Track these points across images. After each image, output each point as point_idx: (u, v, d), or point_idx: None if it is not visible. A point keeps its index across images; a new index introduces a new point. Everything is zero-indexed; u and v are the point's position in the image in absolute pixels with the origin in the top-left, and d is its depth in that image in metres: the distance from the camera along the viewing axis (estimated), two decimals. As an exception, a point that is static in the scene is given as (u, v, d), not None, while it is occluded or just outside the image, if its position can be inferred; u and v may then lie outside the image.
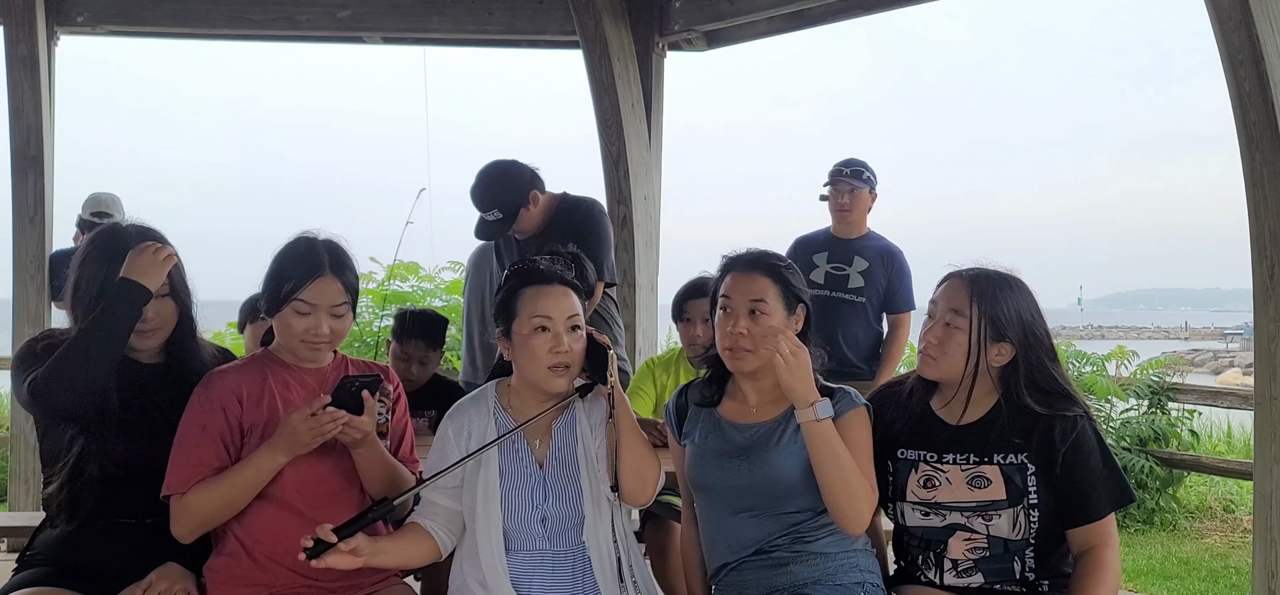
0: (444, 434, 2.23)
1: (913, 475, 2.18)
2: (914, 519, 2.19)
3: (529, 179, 3.68)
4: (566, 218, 3.69)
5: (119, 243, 2.19)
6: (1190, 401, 6.48)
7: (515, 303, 2.17)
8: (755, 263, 2.22)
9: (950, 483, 2.14)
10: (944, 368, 2.17)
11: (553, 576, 2.12)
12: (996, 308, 2.13)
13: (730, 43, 5.43)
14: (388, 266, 7.77)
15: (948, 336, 2.15)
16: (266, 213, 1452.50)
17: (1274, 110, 3.17)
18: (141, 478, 2.16)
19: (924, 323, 2.24)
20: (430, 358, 3.43)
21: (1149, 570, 5.13)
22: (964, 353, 2.14)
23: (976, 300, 2.13)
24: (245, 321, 3.77)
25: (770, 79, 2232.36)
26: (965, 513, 2.13)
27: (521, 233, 3.72)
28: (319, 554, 1.93)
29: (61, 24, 5.26)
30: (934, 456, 2.17)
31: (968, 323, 2.13)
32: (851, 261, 4.20)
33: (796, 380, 2.06)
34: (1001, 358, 2.14)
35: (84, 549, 2.20)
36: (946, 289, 2.19)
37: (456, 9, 5.24)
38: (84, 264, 2.22)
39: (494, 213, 3.66)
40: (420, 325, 3.46)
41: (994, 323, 2.13)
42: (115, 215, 4.86)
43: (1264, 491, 3.32)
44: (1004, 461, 2.12)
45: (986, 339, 2.13)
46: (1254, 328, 3.38)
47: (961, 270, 2.20)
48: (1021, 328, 2.13)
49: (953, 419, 2.19)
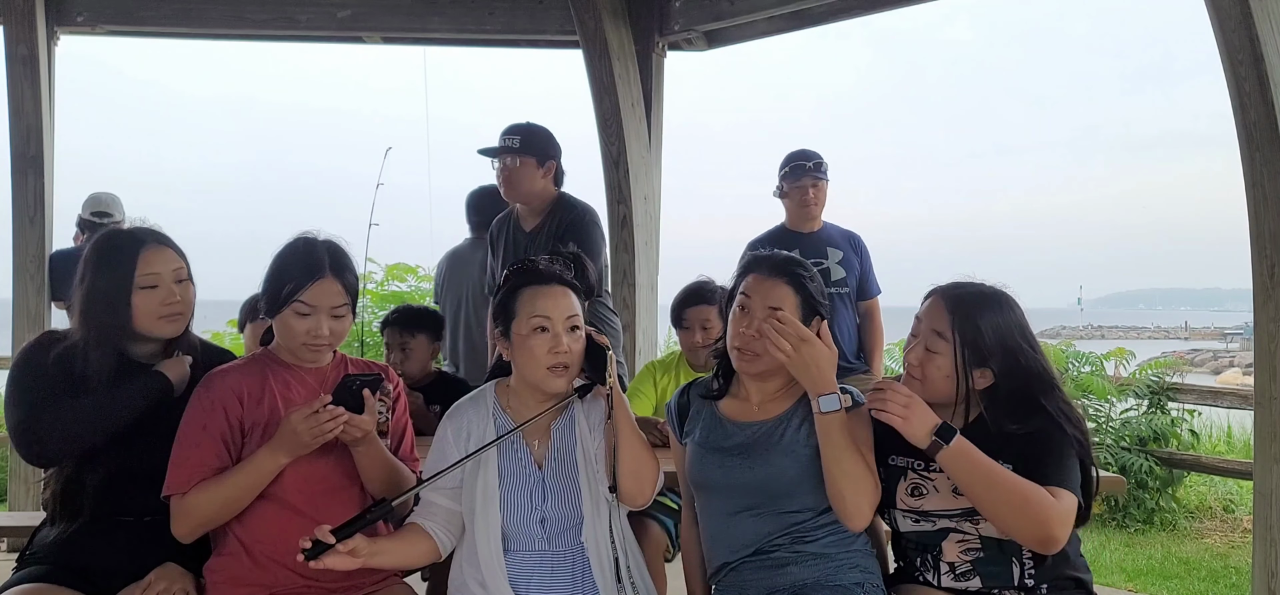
0: (443, 434, 2.22)
1: (902, 483, 2.17)
2: (906, 525, 2.19)
3: (557, 153, 3.70)
4: (563, 214, 3.68)
5: (126, 245, 2.20)
6: (1190, 401, 6.48)
7: (514, 303, 2.17)
8: (779, 268, 2.21)
9: (938, 491, 2.13)
10: (927, 390, 2.12)
11: (551, 577, 2.12)
12: (977, 332, 2.08)
13: (730, 43, 5.43)
14: (387, 267, 7.77)
15: (928, 360, 2.12)
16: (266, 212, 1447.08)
17: (1274, 110, 3.17)
18: (141, 478, 2.16)
19: (908, 340, 2.21)
20: (409, 344, 3.52)
21: (1149, 570, 5.13)
22: (943, 376, 2.11)
23: (957, 324, 2.10)
24: (245, 321, 3.78)
25: (770, 79, 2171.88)
26: (953, 517, 2.12)
27: (524, 202, 3.70)
28: (317, 555, 1.93)
29: (61, 24, 5.27)
30: (922, 464, 2.15)
31: (949, 347, 2.10)
32: (826, 253, 4.12)
33: (805, 370, 2.05)
34: (984, 381, 2.11)
35: (84, 549, 2.20)
36: (929, 308, 2.16)
37: (456, 9, 5.24)
38: (90, 269, 2.21)
39: (514, 139, 3.64)
40: (394, 314, 3.62)
41: (974, 348, 2.09)
42: (115, 215, 4.86)
43: (1264, 491, 3.33)
44: None
45: (970, 364, 2.09)
46: (1254, 328, 3.38)
47: (945, 288, 2.17)
48: (1003, 353, 2.08)
49: None
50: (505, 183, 3.69)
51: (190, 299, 2.28)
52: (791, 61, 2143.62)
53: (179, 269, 2.25)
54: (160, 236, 2.26)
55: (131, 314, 2.20)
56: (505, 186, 3.70)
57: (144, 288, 2.19)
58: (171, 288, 2.22)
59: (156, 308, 2.21)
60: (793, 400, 2.20)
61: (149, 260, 2.21)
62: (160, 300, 2.21)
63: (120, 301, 2.18)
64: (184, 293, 2.25)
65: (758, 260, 2.24)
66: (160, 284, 2.21)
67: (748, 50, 19.82)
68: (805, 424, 2.15)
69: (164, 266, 2.22)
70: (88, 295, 2.20)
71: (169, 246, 2.26)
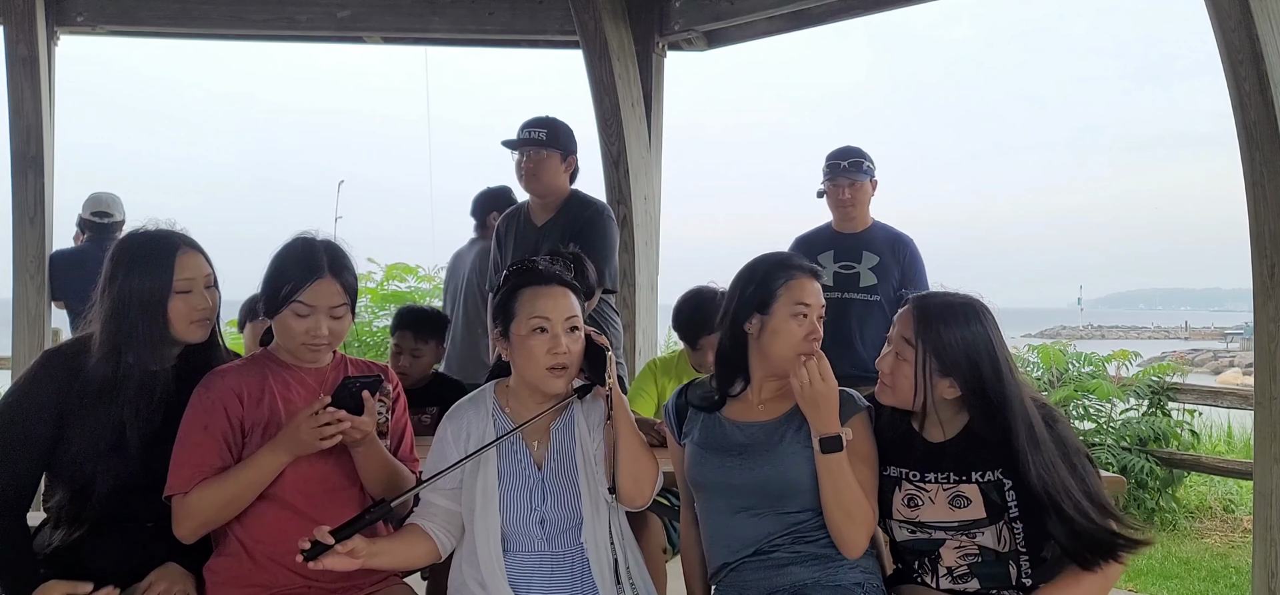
0: (443, 435, 2.22)
1: (897, 493, 2.17)
2: (902, 535, 2.19)
3: (576, 149, 3.74)
4: (576, 211, 3.68)
5: (163, 248, 2.18)
6: (1190, 401, 6.48)
7: (513, 303, 2.17)
8: (814, 273, 2.23)
9: (933, 502, 2.13)
10: (896, 396, 2.15)
11: (551, 578, 2.12)
12: (940, 344, 2.08)
13: (730, 43, 5.42)
14: (386, 266, 7.78)
15: (897, 366, 2.13)
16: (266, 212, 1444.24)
17: (1274, 110, 3.17)
18: (143, 482, 2.16)
19: (884, 347, 2.21)
20: (421, 350, 3.50)
21: (1149, 570, 5.13)
22: (910, 384, 2.11)
23: (921, 335, 2.10)
24: (245, 321, 3.78)
25: (770, 79, 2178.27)
26: (948, 530, 2.12)
27: (543, 195, 3.70)
28: (316, 556, 1.93)
29: (61, 24, 5.27)
30: (916, 475, 2.15)
31: (916, 357, 2.10)
32: (860, 257, 3.90)
33: (812, 410, 2.07)
34: (951, 392, 2.11)
35: (84, 550, 2.19)
36: (901, 316, 2.17)
37: (456, 9, 5.23)
38: (124, 270, 2.16)
39: (540, 131, 3.64)
40: (409, 318, 3.56)
41: (938, 359, 2.09)
42: (115, 215, 4.86)
43: (1264, 491, 3.32)
44: (981, 479, 2.10)
45: (933, 373, 2.09)
46: (1254, 328, 3.38)
47: (916, 298, 2.19)
48: (966, 367, 2.07)
49: (931, 437, 2.17)
50: (528, 174, 3.67)
51: (216, 305, 2.26)
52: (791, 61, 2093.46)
53: (208, 275, 2.23)
54: (191, 241, 2.24)
55: (168, 318, 2.17)
56: (528, 178, 3.68)
57: (180, 292, 2.17)
58: (203, 293, 2.21)
59: (188, 313, 2.19)
60: (794, 401, 2.20)
61: (184, 264, 2.18)
62: (192, 305, 2.19)
63: (159, 305, 2.15)
64: (212, 299, 2.24)
65: (797, 263, 2.24)
66: (194, 289, 2.19)
67: (748, 50, 19.79)
68: (806, 425, 2.14)
69: (196, 271, 2.20)
70: (122, 296, 2.15)
71: (200, 252, 2.24)
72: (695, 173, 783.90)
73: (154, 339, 2.16)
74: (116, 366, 2.14)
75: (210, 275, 2.24)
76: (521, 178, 3.71)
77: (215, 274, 2.25)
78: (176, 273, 2.16)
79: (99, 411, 2.14)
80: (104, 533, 2.19)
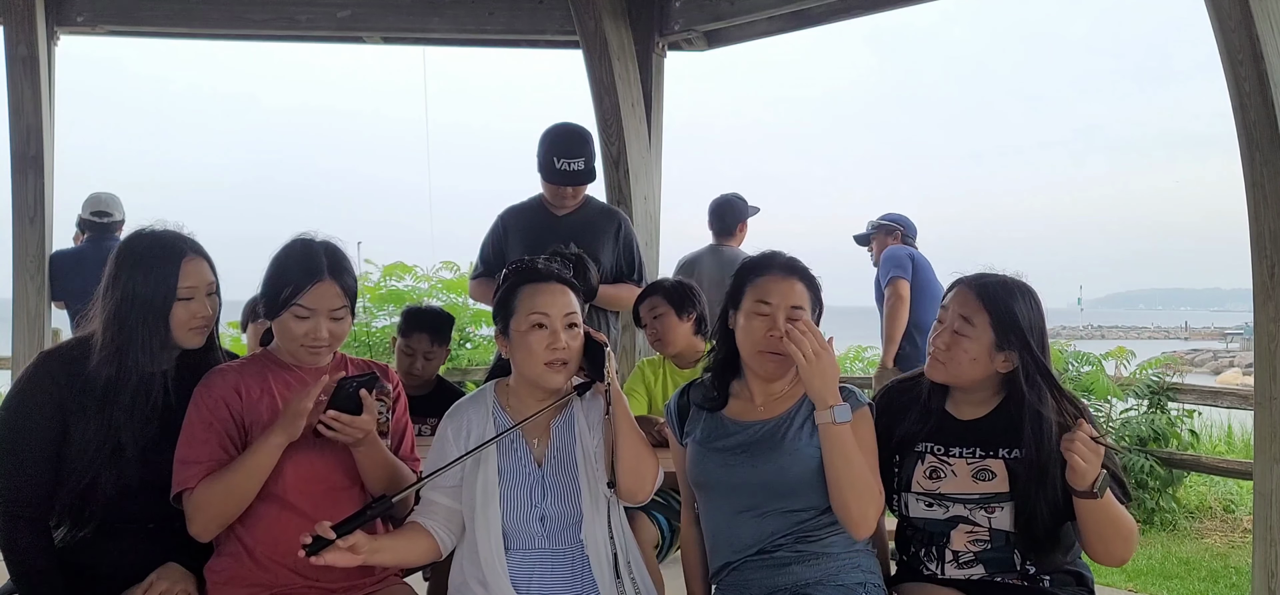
0: (443, 433, 2.23)
1: (919, 466, 2.20)
2: (917, 510, 2.20)
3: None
4: (605, 222, 3.81)
5: (169, 251, 2.17)
6: (1190, 401, 6.47)
7: (513, 301, 2.18)
8: (793, 268, 2.23)
9: (956, 475, 2.17)
10: (950, 372, 2.19)
11: (551, 575, 2.12)
12: (1009, 318, 2.14)
13: (730, 43, 5.42)
14: (383, 267, 7.77)
15: (955, 343, 2.17)
16: (266, 212, 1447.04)
17: (1274, 110, 3.16)
18: (143, 484, 2.16)
19: (934, 326, 2.25)
20: (435, 353, 3.45)
21: (1149, 570, 5.13)
22: (969, 359, 2.16)
23: (990, 310, 2.15)
24: (246, 321, 3.78)
25: (770, 79, 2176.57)
26: (968, 504, 2.14)
27: (563, 209, 3.78)
28: (318, 551, 1.93)
29: (61, 24, 5.26)
30: (941, 449, 2.20)
31: (978, 331, 2.15)
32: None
33: (818, 379, 2.06)
34: (1008, 365, 2.16)
35: (85, 551, 2.19)
36: (956, 295, 2.21)
37: (456, 9, 5.23)
38: (127, 271, 2.15)
39: (581, 163, 3.73)
40: (427, 320, 3.49)
41: (1000, 333, 2.14)
42: (115, 215, 4.86)
43: (1264, 491, 3.32)
44: (1008, 456, 2.14)
45: (992, 348, 2.15)
46: (1254, 328, 3.38)
47: (971, 278, 2.22)
48: (1025, 339, 2.14)
49: (962, 416, 2.22)
50: (573, 198, 3.77)
51: (216, 311, 2.25)
52: (791, 61, 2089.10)
53: (211, 282, 2.22)
54: (197, 246, 2.22)
55: (170, 323, 2.16)
56: (573, 200, 3.78)
57: (182, 299, 2.16)
58: (203, 301, 2.20)
59: (189, 319, 2.18)
60: (795, 399, 2.21)
61: (189, 272, 2.17)
62: (193, 312, 2.18)
63: (161, 311, 2.14)
64: (213, 306, 2.23)
65: (769, 261, 2.25)
66: (196, 296, 2.18)
67: (748, 50, 19.79)
68: (808, 423, 2.15)
69: (200, 279, 2.19)
70: (125, 299, 2.14)
71: (205, 258, 2.23)
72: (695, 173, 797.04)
73: (155, 344, 2.15)
74: (118, 369, 2.14)
75: (212, 283, 2.23)
76: (555, 199, 3.79)
77: (217, 280, 2.24)
78: (181, 280, 2.15)
79: (99, 413, 2.13)
80: (106, 536, 2.19)
